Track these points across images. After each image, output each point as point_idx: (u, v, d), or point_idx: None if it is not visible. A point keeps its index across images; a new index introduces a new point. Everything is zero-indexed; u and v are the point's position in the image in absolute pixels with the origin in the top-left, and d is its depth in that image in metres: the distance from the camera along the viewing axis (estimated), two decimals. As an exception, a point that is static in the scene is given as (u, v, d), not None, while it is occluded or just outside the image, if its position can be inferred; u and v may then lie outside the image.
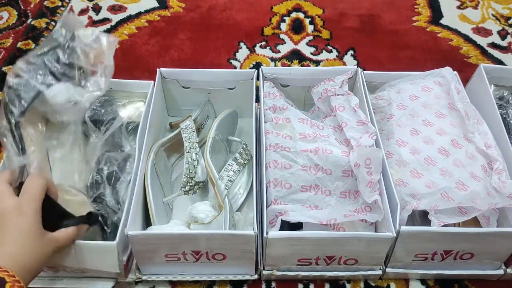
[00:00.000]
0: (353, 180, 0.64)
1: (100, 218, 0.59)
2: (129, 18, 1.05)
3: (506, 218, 0.63)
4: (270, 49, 0.99)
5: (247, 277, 0.63)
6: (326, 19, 1.06)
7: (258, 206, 0.63)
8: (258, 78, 0.74)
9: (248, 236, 0.56)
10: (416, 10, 1.09)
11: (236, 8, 1.09)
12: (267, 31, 1.03)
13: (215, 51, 0.98)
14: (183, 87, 0.78)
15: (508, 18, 1.07)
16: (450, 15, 1.07)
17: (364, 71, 0.74)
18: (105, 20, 1.05)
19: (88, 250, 0.57)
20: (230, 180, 0.65)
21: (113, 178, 0.66)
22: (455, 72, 0.74)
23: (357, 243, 0.57)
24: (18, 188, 0.52)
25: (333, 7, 1.09)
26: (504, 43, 1.01)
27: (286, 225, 0.61)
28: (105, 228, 0.60)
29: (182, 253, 0.58)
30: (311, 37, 1.02)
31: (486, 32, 1.03)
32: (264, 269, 0.61)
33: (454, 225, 0.61)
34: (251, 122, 0.69)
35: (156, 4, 1.09)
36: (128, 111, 0.74)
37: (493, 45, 1.00)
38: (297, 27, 1.04)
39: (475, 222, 0.62)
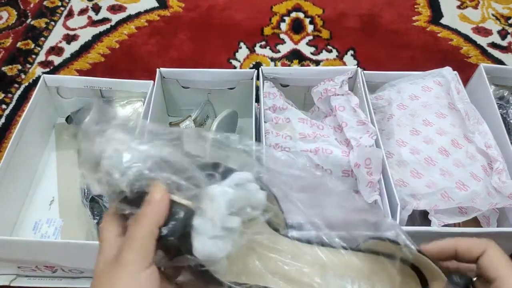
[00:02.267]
0: (353, 180, 0.64)
1: None
2: (129, 18, 1.05)
3: (506, 218, 0.63)
4: (270, 49, 0.99)
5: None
6: (326, 19, 1.06)
7: (258, 206, 0.63)
8: (258, 78, 0.74)
9: (248, 236, 0.55)
10: (416, 10, 1.09)
11: (236, 8, 1.09)
12: (267, 31, 1.03)
13: (215, 51, 0.98)
14: (183, 87, 0.77)
15: (508, 18, 1.07)
16: (450, 15, 1.07)
17: (364, 71, 0.74)
18: (104, 20, 1.04)
19: (86, 250, 0.57)
20: (230, 180, 0.65)
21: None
22: (455, 72, 0.74)
23: (357, 243, 0.57)
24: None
25: (333, 7, 1.09)
26: (504, 43, 1.00)
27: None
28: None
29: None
30: (311, 37, 1.02)
31: (486, 32, 1.03)
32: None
33: (454, 225, 0.61)
34: (251, 122, 0.69)
35: (156, 4, 1.09)
36: (127, 111, 0.75)
37: (493, 45, 1.00)
38: (297, 27, 1.04)
39: (475, 222, 0.62)
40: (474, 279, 0.37)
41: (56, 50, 0.98)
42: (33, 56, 0.96)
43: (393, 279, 0.38)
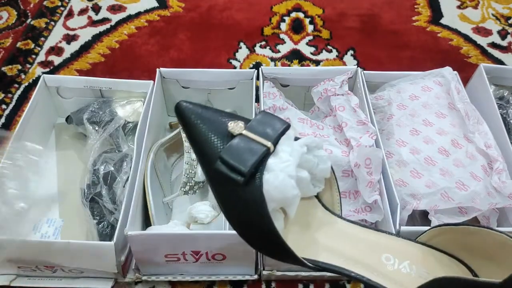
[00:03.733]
0: (353, 180, 0.64)
1: None
2: (129, 18, 1.05)
3: (506, 218, 0.63)
4: (270, 49, 0.99)
5: (247, 277, 0.63)
6: (326, 19, 1.06)
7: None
8: (258, 78, 0.74)
9: (248, 236, 0.55)
10: (416, 10, 1.09)
11: (236, 8, 1.09)
12: (267, 31, 1.03)
13: (215, 51, 0.98)
14: (183, 87, 0.77)
15: (508, 18, 1.07)
16: (450, 15, 1.07)
17: (364, 71, 0.74)
18: (104, 20, 1.04)
19: (86, 250, 0.57)
20: (230, 180, 0.65)
21: (109, 179, 0.66)
22: (455, 72, 0.74)
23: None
24: None
25: (333, 7, 1.09)
26: (504, 43, 1.01)
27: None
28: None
29: (182, 253, 0.58)
30: (311, 37, 1.02)
31: (486, 32, 1.03)
32: (264, 269, 0.61)
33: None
34: (251, 122, 0.69)
35: (156, 4, 1.09)
36: (126, 111, 0.75)
37: (493, 45, 1.00)
38: (297, 27, 1.04)
39: (475, 222, 0.62)
40: None
41: (56, 50, 0.98)
42: (33, 56, 0.96)
43: (446, 269, 0.38)
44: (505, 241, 0.34)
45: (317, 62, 0.96)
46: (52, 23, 1.04)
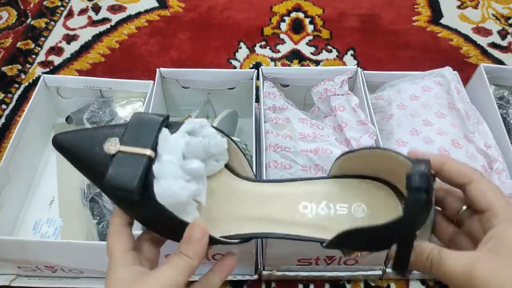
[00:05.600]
0: (353, 180, 0.64)
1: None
2: (129, 18, 1.05)
3: (506, 218, 0.63)
4: (270, 49, 0.99)
5: (247, 277, 0.63)
6: (326, 19, 1.06)
7: (258, 206, 0.63)
8: (258, 78, 0.74)
9: (248, 236, 0.55)
10: (416, 10, 1.09)
11: (236, 8, 1.09)
12: (267, 31, 1.03)
13: (215, 51, 0.98)
14: (182, 87, 0.77)
15: (508, 18, 1.07)
16: (450, 15, 1.07)
17: (364, 71, 0.74)
18: (104, 20, 1.05)
19: (86, 250, 0.57)
20: (230, 180, 0.65)
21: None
22: (455, 72, 0.74)
23: (357, 243, 0.56)
24: None
25: (333, 7, 1.09)
26: (504, 43, 1.01)
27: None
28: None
29: (182, 253, 0.58)
30: (311, 37, 1.02)
31: (486, 32, 1.03)
32: (264, 269, 0.61)
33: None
34: (251, 122, 0.69)
35: (156, 4, 1.09)
36: (126, 111, 0.75)
37: (493, 45, 1.00)
38: (297, 27, 1.04)
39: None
40: (464, 208, 0.36)
41: (56, 50, 0.98)
42: (33, 56, 0.96)
43: (364, 195, 0.39)
44: (389, 155, 0.35)
45: (317, 62, 0.96)
46: (52, 23, 1.04)
